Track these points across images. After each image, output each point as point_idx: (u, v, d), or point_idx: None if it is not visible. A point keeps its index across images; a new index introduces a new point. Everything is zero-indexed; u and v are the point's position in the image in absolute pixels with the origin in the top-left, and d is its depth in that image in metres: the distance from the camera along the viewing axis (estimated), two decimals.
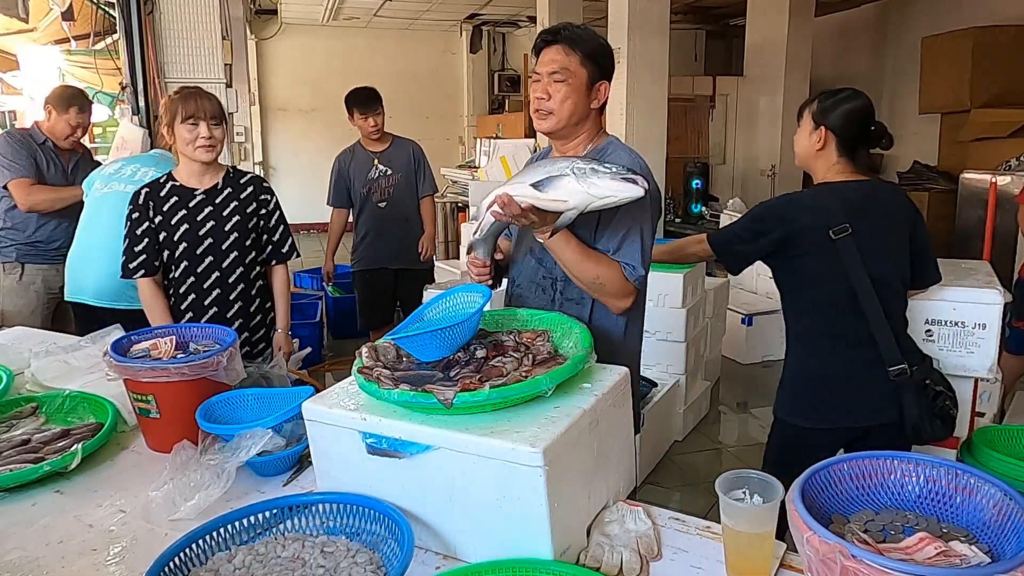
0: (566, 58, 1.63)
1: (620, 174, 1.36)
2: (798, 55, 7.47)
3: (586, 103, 1.67)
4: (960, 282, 2.34)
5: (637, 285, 1.63)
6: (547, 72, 1.64)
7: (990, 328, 2.28)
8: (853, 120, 1.93)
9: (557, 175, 1.38)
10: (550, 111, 1.65)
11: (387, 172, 3.92)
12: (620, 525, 1.19)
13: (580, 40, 1.64)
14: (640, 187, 1.36)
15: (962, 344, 2.32)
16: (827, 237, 1.86)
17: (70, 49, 6.26)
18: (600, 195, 1.37)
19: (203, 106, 2.20)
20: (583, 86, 1.65)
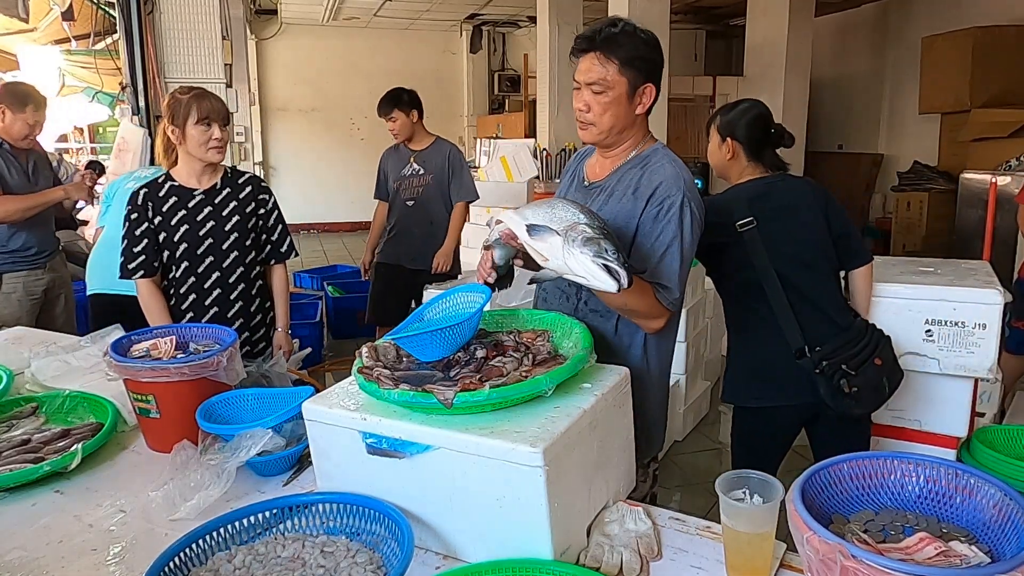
0: (603, 68, 1.54)
1: (605, 260, 1.26)
2: (798, 55, 7.47)
3: (629, 111, 1.59)
4: (960, 282, 2.34)
5: (670, 308, 1.56)
6: (584, 83, 1.56)
7: (990, 328, 2.28)
8: (756, 127, 2.13)
9: (551, 229, 1.30)
10: (591, 123, 1.59)
11: (419, 172, 3.91)
12: (620, 525, 1.19)
13: (617, 45, 1.54)
14: (617, 284, 1.26)
15: (962, 344, 2.32)
16: (734, 230, 2.02)
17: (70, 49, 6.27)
18: (575, 270, 1.28)
19: (215, 107, 2.22)
20: (623, 95, 1.56)
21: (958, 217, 6.22)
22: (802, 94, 7.63)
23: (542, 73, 8.01)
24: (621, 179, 1.62)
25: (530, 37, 10.22)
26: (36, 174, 3.34)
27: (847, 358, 1.99)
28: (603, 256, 1.26)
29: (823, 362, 1.97)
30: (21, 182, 3.22)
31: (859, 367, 1.99)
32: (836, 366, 1.97)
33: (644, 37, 1.58)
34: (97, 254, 3.16)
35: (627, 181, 1.61)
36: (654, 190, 1.56)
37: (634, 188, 1.59)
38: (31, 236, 3.25)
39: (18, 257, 3.24)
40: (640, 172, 1.60)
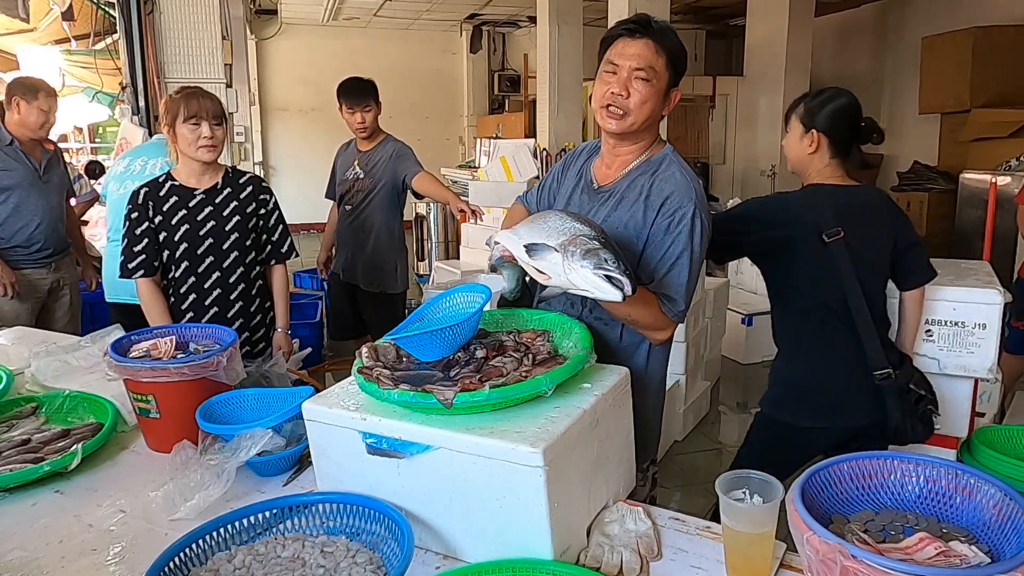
0: (655, 56, 1.48)
1: (606, 270, 1.23)
2: (798, 55, 7.48)
3: (659, 109, 1.54)
4: (960, 282, 2.34)
5: (675, 320, 1.53)
6: (631, 67, 1.48)
7: (990, 328, 2.28)
8: (842, 118, 1.93)
9: (549, 247, 1.27)
10: (627, 111, 1.50)
11: (359, 176, 3.49)
12: (620, 525, 1.19)
13: (668, 40, 1.50)
14: (621, 294, 1.23)
15: (962, 344, 2.32)
16: (820, 240, 1.87)
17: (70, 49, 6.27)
18: (579, 284, 1.25)
19: (205, 106, 2.20)
20: (662, 90, 1.51)
21: (958, 217, 6.22)
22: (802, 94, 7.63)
23: (542, 73, 8.01)
24: (631, 184, 1.58)
25: (530, 37, 10.22)
26: (49, 171, 3.33)
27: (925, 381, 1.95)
28: (604, 267, 1.23)
29: (909, 384, 1.90)
30: (31, 179, 3.22)
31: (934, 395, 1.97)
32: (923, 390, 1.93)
33: (682, 45, 1.55)
34: (105, 264, 3.18)
35: (637, 187, 1.57)
36: (665, 200, 1.52)
37: (645, 195, 1.54)
38: (36, 233, 3.24)
39: (21, 254, 3.23)
40: (651, 179, 1.56)
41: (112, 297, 3.13)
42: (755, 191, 7.91)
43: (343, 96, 3.50)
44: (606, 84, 1.52)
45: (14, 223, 3.17)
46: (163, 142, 3.07)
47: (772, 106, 7.70)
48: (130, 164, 3.07)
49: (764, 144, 7.90)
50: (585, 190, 1.66)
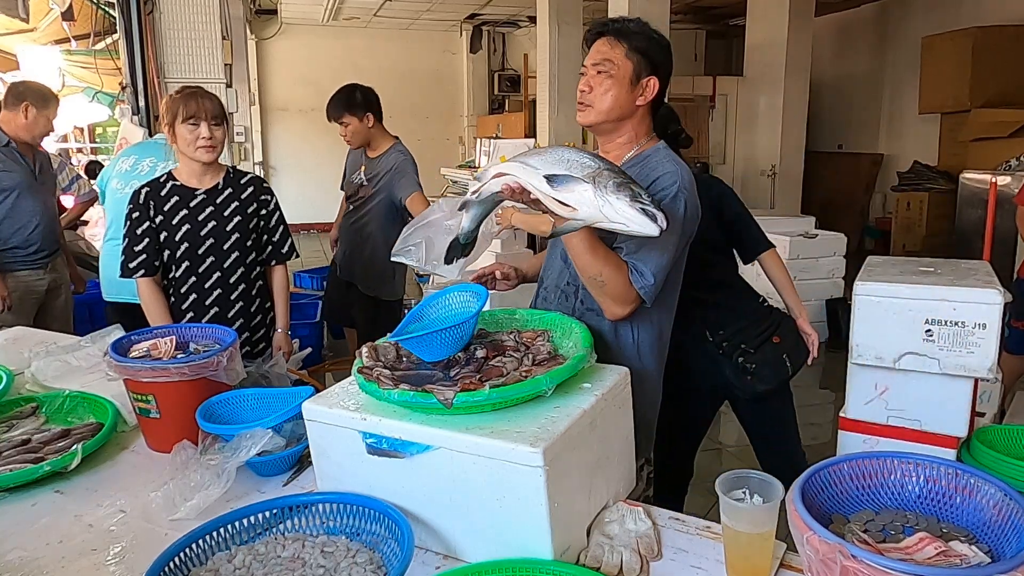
0: (611, 49, 1.56)
1: (642, 203, 1.22)
2: (798, 55, 7.48)
3: (629, 98, 1.58)
4: (960, 282, 2.34)
5: (642, 294, 1.51)
6: (591, 64, 1.58)
7: (990, 328, 2.28)
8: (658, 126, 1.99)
9: (576, 178, 1.24)
10: (590, 104, 1.59)
11: (363, 182, 3.48)
12: (620, 525, 1.19)
13: (628, 32, 1.58)
14: (657, 227, 1.23)
15: (962, 344, 2.31)
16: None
17: (70, 49, 6.27)
18: (612, 218, 1.23)
19: (204, 106, 2.19)
20: (627, 79, 1.56)
21: (958, 217, 6.22)
22: (802, 94, 7.63)
23: (542, 73, 8.01)
24: None
25: (530, 37, 10.22)
26: (43, 173, 3.35)
27: (746, 339, 2.17)
28: (640, 200, 1.23)
29: (724, 343, 2.16)
30: (28, 181, 3.23)
31: (758, 347, 2.20)
32: (735, 346, 2.17)
33: (656, 37, 1.61)
34: (102, 263, 3.17)
35: None
36: (652, 182, 1.56)
37: None
38: (34, 235, 3.24)
39: (19, 255, 3.22)
40: (640, 170, 1.59)
41: (111, 296, 3.11)
42: (755, 191, 7.91)
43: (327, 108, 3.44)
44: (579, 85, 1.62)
45: (12, 224, 3.17)
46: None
47: (772, 106, 7.70)
48: (137, 163, 3.06)
49: (764, 144, 7.90)
50: None
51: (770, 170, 7.75)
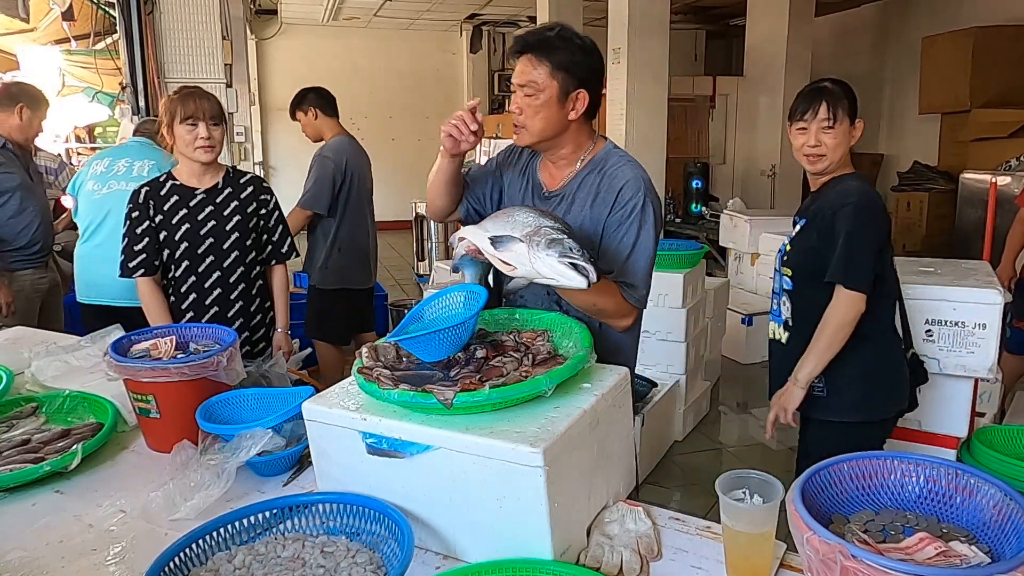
0: (534, 71, 1.54)
1: (571, 258, 1.26)
2: (798, 55, 7.47)
3: (560, 116, 1.57)
4: (960, 282, 2.34)
5: (637, 306, 1.59)
6: (517, 85, 1.57)
7: (990, 328, 2.29)
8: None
9: (514, 238, 1.31)
10: (523, 126, 1.59)
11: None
12: (620, 525, 1.19)
13: (551, 48, 1.54)
14: (584, 279, 1.26)
15: (962, 344, 2.32)
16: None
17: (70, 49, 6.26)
18: (544, 273, 1.29)
19: (202, 106, 2.19)
20: (554, 100, 1.55)
21: (958, 217, 6.21)
22: None
23: None
24: (581, 185, 1.63)
25: None
26: (35, 174, 3.40)
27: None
28: (569, 255, 1.27)
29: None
30: (26, 181, 3.26)
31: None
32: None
33: (580, 43, 1.57)
34: (78, 265, 3.12)
35: (587, 187, 1.62)
36: (618, 193, 1.58)
37: (595, 195, 1.60)
38: (37, 234, 3.28)
39: (24, 255, 3.26)
40: (599, 177, 1.61)
41: (88, 298, 3.05)
42: (755, 191, 7.91)
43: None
44: (511, 103, 1.62)
45: (17, 224, 3.20)
46: (147, 144, 3.08)
47: (772, 106, 7.70)
48: (112, 164, 3.07)
49: (764, 144, 7.90)
50: (537, 196, 1.70)
51: (770, 170, 7.75)
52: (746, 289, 5.56)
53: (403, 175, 11.19)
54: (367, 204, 3.69)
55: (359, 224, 3.62)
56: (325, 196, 3.46)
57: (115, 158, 3.13)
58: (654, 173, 6.59)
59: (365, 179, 3.67)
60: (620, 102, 6.08)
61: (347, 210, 3.56)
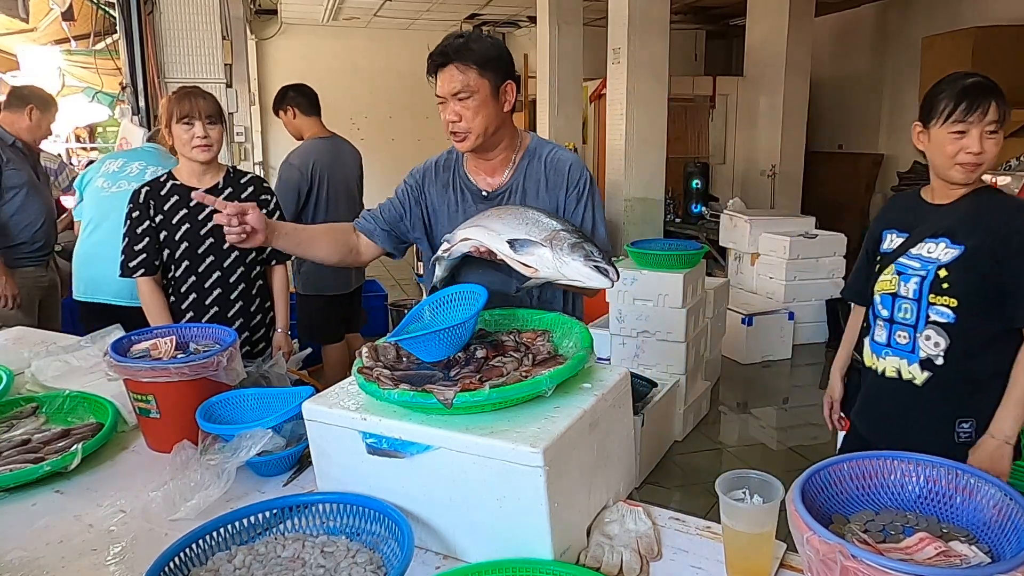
0: (463, 75, 1.61)
1: (595, 261, 1.36)
2: (798, 55, 7.47)
3: (498, 110, 1.66)
4: None
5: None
6: (450, 94, 1.62)
7: None
8: None
9: (534, 241, 1.39)
10: (467, 131, 1.64)
11: None
12: (620, 525, 1.19)
13: (470, 51, 1.62)
14: (610, 281, 1.37)
15: None
16: None
17: (70, 49, 6.26)
18: (570, 276, 1.37)
19: (198, 105, 2.19)
20: (489, 97, 1.63)
21: None
22: (802, 94, 7.63)
23: (542, 73, 8.01)
24: (527, 175, 1.73)
25: (530, 37, 10.22)
26: (43, 175, 3.47)
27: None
28: (593, 259, 1.36)
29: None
30: (33, 179, 3.32)
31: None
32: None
33: (492, 41, 1.69)
34: (78, 261, 3.12)
35: (533, 176, 1.73)
36: (567, 174, 1.72)
37: (545, 180, 1.72)
38: (40, 232, 3.31)
39: (27, 251, 3.29)
40: (541, 164, 1.73)
41: (86, 296, 3.03)
42: (755, 191, 7.91)
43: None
44: (443, 115, 1.66)
45: (21, 220, 3.24)
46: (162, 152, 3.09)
47: (772, 106, 7.70)
48: (126, 164, 3.08)
49: (764, 144, 7.89)
50: (475, 199, 1.76)
51: (770, 170, 7.75)
52: (746, 289, 5.56)
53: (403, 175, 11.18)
54: (346, 206, 3.59)
55: None
56: (288, 206, 3.34)
57: (129, 160, 3.15)
58: (654, 173, 6.61)
59: (344, 181, 3.60)
60: (620, 102, 6.07)
61: (316, 216, 3.49)
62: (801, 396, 4.63)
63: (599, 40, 6.99)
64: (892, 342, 1.76)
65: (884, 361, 1.78)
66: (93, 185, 3.10)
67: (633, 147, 6.11)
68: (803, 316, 5.24)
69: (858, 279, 1.95)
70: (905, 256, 1.75)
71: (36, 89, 3.51)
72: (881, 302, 1.79)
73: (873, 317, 1.82)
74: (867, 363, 1.85)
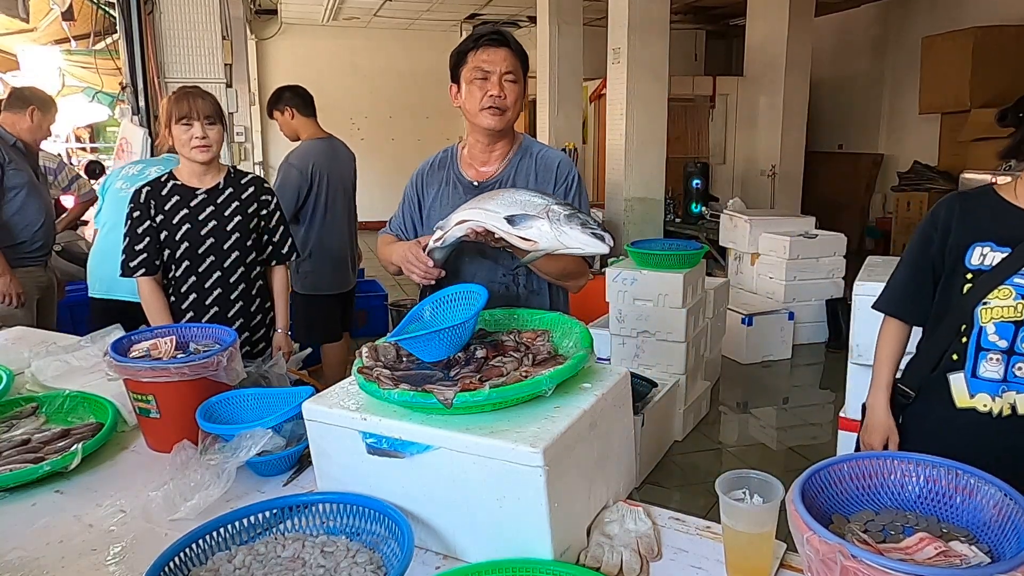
0: (516, 62, 1.74)
1: (591, 228, 1.43)
2: (798, 55, 7.48)
3: (523, 102, 1.80)
4: None
5: (591, 262, 1.78)
6: (501, 71, 1.72)
7: None
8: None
9: (532, 215, 1.45)
10: (506, 108, 1.74)
11: None
12: (620, 525, 1.19)
13: (519, 48, 1.76)
14: (607, 245, 1.43)
15: None
16: None
17: (70, 49, 6.27)
18: (569, 244, 1.43)
19: (196, 106, 2.19)
20: (522, 90, 1.78)
21: None
22: (802, 94, 7.64)
23: (542, 73, 8.01)
24: (517, 170, 1.82)
25: (530, 37, 10.22)
26: (43, 175, 3.47)
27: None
28: (589, 226, 1.43)
29: None
30: (33, 179, 3.32)
31: None
32: None
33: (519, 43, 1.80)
34: (95, 259, 3.18)
35: (524, 171, 1.82)
36: (556, 169, 1.82)
37: (535, 175, 1.81)
38: (39, 232, 3.32)
39: (27, 251, 3.30)
40: (531, 161, 1.83)
41: (101, 293, 3.08)
42: (755, 191, 7.91)
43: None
44: (481, 88, 1.73)
45: (21, 220, 3.25)
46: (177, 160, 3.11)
47: (772, 106, 7.70)
48: (145, 169, 3.14)
49: (764, 144, 7.90)
50: (465, 191, 1.83)
51: (770, 170, 7.75)
52: (746, 289, 5.56)
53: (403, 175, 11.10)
54: (343, 206, 3.62)
55: (331, 229, 3.56)
56: (288, 206, 3.38)
57: (148, 165, 3.20)
58: (654, 173, 6.61)
59: (341, 181, 3.61)
60: (620, 102, 6.08)
61: (315, 216, 3.51)
62: (801, 396, 4.64)
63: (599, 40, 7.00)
64: (1010, 375, 1.52)
65: (1000, 399, 1.53)
66: (113, 187, 3.16)
67: (633, 147, 6.11)
68: (803, 316, 5.24)
69: (908, 293, 1.69)
70: (1019, 275, 1.50)
71: (37, 91, 3.53)
72: (997, 331, 1.52)
73: (975, 347, 1.55)
74: (958, 403, 1.57)
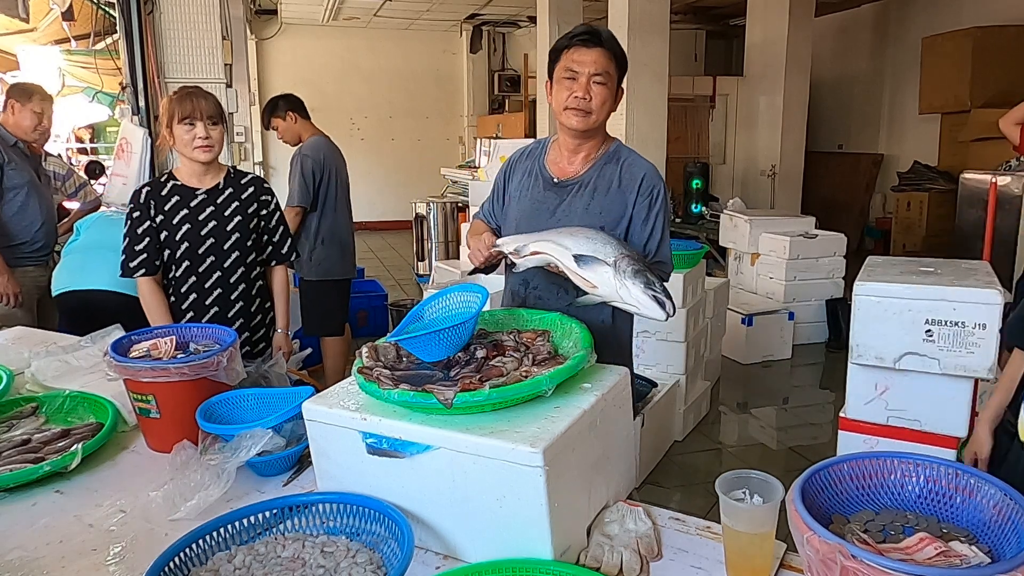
0: (608, 62, 1.70)
1: (654, 291, 1.39)
2: (798, 55, 7.47)
3: (611, 107, 1.76)
4: (960, 282, 2.34)
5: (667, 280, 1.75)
6: (590, 72, 1.69)
7: (990, 328, 2.28)
8: None
9: (599, 260, 1.43)
10: (591, 110, 1.71)
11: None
12: (620, 525, 1.19)
13: (615, 47, 1.72)
14: (665, 313, 1.39)
15: (962, 344, 2.31)
16: None
17: (70, 49, 6.26)
18: (627, 299, 1.41)
19: (199, 106, 2.19)
20: (612, 93, 1.74)
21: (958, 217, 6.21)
22: (802, 94, 7.63)
23: (542, 73, 8.01)
24: (600, 174, 1.78)
25: (530, 37, 10.23)
26: (44, 176, 3.47)
27: None
28: (652, 288, 1.39)
29: None
30: (34, 180, 3.33)
31: None
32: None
33: (619, 45, 1.76)
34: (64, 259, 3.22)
35: (607, 176, 1.78)
36: (640, 182, 1.76)
37: (618, 182, 1.77)
38: (40, 232, 3.32)
39: (27, 251, 3.31)
40: (616, 167, 1.79)
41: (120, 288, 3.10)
42: (755, 191, 7.91)
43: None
44: (568, 88, 1.71)
45: (22, 220, 3.26)
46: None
47: (772, 106, 7.70)
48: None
49: (764, 144, 7.90)
50: (545, 186, 1.82)
51: (770, 170, 7.75)
52: (746, 289, 5.56)
53: (403, 175, 11.19)
54: (344, 200, 3.83)
55: (338, 218, 3.76)
56: (310, 191, 3.64)
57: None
58: None
59: (341, 175, 3.82)
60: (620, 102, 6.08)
61: (326, 204, 3.72)
62: (801, 396, 4.64)
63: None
64: None
65: None
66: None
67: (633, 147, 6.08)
68: (803, 316, 5.24)
69: None
70: None
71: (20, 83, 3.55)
72: None
73: None
74: None
